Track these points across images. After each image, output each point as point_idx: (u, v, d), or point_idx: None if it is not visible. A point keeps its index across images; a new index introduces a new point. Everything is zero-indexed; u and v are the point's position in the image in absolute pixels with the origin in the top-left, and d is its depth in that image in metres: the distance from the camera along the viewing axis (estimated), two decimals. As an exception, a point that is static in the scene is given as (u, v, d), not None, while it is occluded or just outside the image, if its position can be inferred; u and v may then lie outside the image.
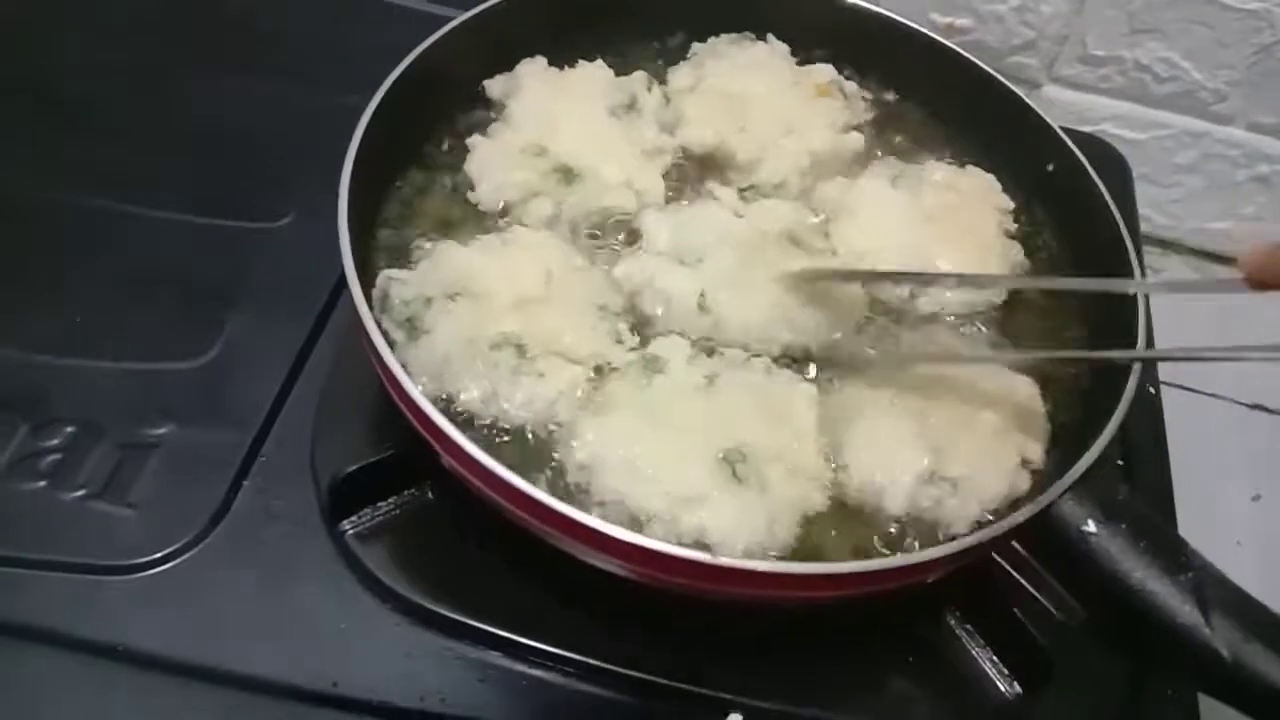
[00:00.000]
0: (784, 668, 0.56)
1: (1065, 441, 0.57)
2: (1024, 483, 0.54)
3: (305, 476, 0.61)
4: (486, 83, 0.71)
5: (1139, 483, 0.67)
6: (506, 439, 0.56)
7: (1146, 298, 0.58)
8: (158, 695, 0.54)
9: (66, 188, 0.75)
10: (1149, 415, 0.72)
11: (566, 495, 0.53)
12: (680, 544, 0.50)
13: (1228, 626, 0.45)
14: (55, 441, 0.62)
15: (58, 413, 0.63)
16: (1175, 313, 1.01)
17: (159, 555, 0.58)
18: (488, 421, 0.55)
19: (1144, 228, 1.09)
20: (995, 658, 0.57)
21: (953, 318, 0.64)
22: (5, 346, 0.66)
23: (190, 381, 0.65)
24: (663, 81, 0.74)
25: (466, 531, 0.58)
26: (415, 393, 0.50)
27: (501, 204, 0.65)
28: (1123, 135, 1.02)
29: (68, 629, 0.55)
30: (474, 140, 0.67)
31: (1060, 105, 1.01)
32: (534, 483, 0.48)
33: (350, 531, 0.58)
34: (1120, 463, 0.68)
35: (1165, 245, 1.10)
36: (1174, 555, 0.47)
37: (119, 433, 0.63)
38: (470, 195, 0.66)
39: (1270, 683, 0.43)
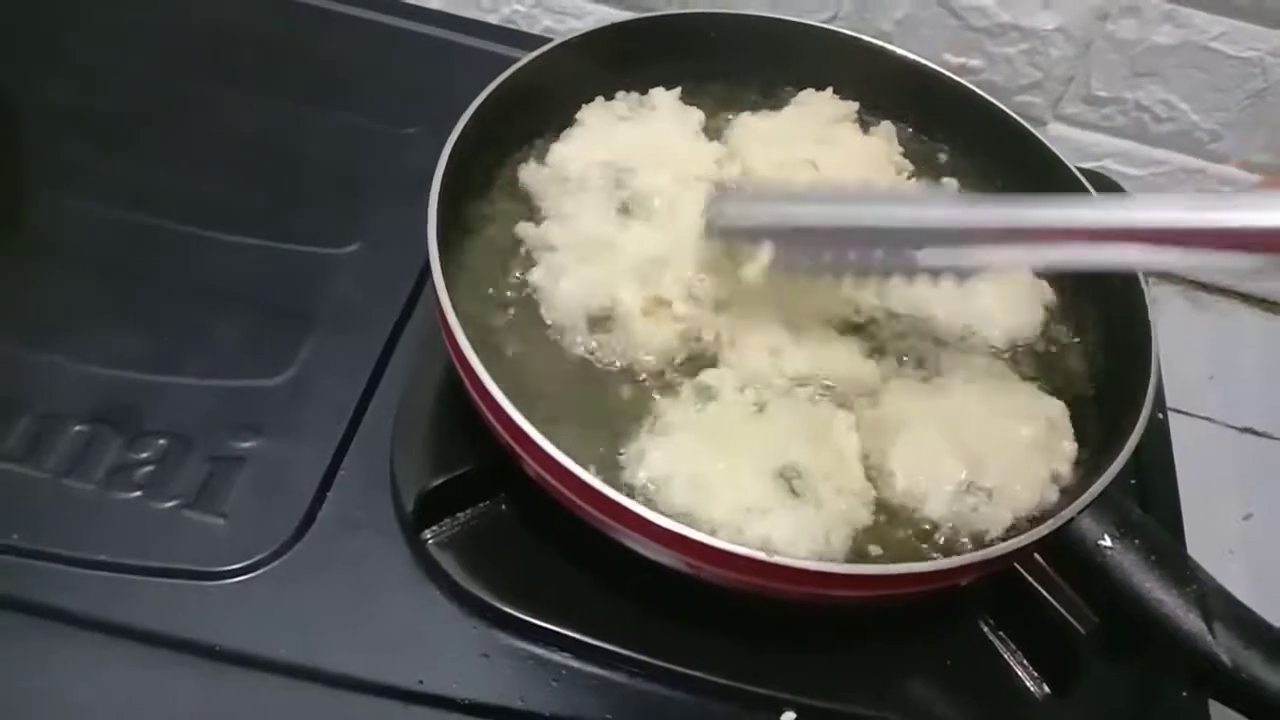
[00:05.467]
0: (832, 670, 0.62)
1: (1086, 460, 0.62)
2: (1052, 495, 0.60)
3: (384, 489, 0.66)
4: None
5: (1151, 501, 0.73)
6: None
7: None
8: (254, 691, 0.59)
9: (146, 212, 0.79)
10: (1158, 438, 0.78)
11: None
12: None
13: (1229, 636, 0.51)
14: (148, 454, 0.66)
15: (149, 426, 0.68)
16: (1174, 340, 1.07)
17: (251, 561, 0.63)
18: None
19: (1141, 257, 1.16)
20: (1025, 661, 0.63)
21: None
22: (97, 363, 0.70)
23: (272, 398, 0.70)
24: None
25: (538, 541, 0.64)
26: (512, 410, 0.54)
27: (569, 174, 0.70)
28: (1123, 171, 1.08)
29: (168, 630, 0.60)
30: (557, 146, 0.73)
31: (1064, 142, 1.07)
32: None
33: (431, 540, 0.64)
34: (1133, 481, 0.74)
35: (1161, 275, 1.16)
36: (1181, 570, 0.53)
37: (207, 446, 0.67)
38: (548, 161, 0.71)
39: (1268, 688, 0.49)
